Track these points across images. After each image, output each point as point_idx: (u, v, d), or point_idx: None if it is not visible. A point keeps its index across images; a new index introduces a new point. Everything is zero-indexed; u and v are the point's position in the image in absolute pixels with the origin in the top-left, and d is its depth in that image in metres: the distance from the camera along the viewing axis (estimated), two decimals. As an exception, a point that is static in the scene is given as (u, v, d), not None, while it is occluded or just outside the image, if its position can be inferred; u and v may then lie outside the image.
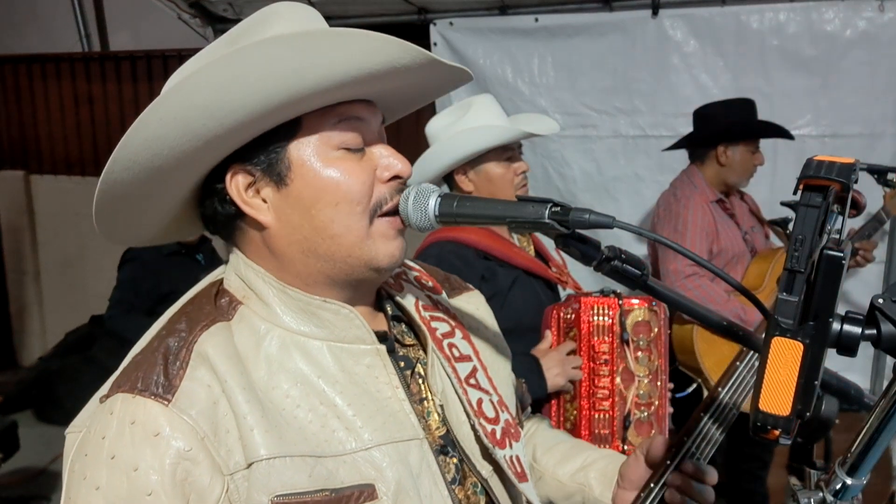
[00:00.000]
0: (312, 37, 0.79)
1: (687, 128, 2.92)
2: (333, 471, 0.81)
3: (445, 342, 1.01)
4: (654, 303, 1.83)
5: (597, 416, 1.83)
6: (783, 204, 2.09)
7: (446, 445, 0.94)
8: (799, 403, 0.62)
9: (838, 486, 0.73)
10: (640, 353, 1.83)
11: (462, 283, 1.20)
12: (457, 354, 1.01)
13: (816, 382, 0.62)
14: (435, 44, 3.58)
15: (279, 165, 0.85)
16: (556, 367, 1.83)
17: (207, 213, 0.91)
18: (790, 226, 0.66)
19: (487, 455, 0.96)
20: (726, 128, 2.73)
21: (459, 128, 1.97)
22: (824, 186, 0.63)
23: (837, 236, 0.64)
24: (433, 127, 2.05)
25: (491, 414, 0.99)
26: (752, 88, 3.18)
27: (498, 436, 0.98)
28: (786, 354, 0.62)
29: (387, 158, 0.89)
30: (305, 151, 0.85)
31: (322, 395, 0.85)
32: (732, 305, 2.55)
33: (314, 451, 0.81)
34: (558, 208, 0.80)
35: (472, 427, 0.96)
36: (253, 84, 0.77)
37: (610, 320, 1.83)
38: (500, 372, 1.09)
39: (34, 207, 5.58)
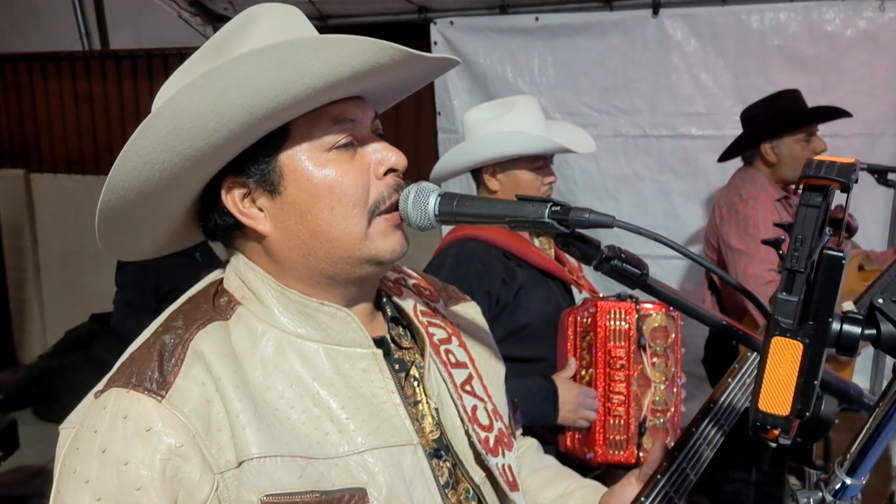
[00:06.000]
0: (290, 47, 0.77)
1: (687, 127, 2.89)
2: (325, 473, 0.80)
3: (442, 348, 1.01)
4: (671, 308, 1.80)
5: (612, 421, 1.82)
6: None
7: (440, 449, 0.93)
8: (798, 403, 0.62)
9: (838, 486, 0.73)
10: (656, 359, 1.82)
11: (459, 293, 1.20)
12: (453, 360, 1.01)
13: (816, 382, 0.63)
14: (435, 43, 3.57)
15: (272, 174, 0.85)
16: (572, 404, 1.81)
17: (209, 226, 0.91)
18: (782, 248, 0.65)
19: (480, 461, 0.96)
20: (765, 125, 2.65)
21: (499, 127, 1.96)
22: (824, 186, 0.63)
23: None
24: (471, 118, 2.05)
25: (485, 421, 0.99)
26: (752, 88, 3.17)
27: (491, 443, 0.97)
28: (785, 354, 0.62)
29: (380, 153, 0.88)
30: (296, 157, 0.85)
31: (316, 397, 0.84)
32: None
33: (306, 452, 0.80)
34: (558, 207, 0.80)
35: (466, 433, 0.95)
36: (235, 101, 0.76)
37: (627, 325, 1.82)
38: (494, 381, 1.09)
39: (34, 206, 5.57)
